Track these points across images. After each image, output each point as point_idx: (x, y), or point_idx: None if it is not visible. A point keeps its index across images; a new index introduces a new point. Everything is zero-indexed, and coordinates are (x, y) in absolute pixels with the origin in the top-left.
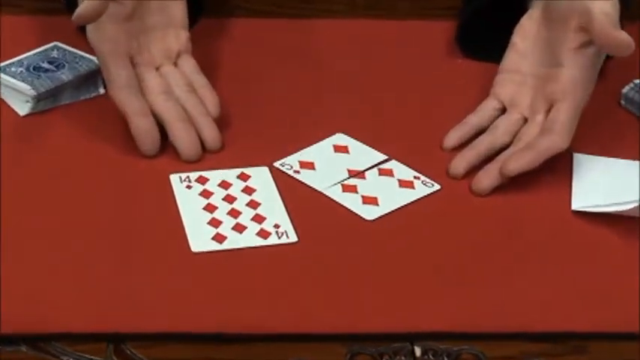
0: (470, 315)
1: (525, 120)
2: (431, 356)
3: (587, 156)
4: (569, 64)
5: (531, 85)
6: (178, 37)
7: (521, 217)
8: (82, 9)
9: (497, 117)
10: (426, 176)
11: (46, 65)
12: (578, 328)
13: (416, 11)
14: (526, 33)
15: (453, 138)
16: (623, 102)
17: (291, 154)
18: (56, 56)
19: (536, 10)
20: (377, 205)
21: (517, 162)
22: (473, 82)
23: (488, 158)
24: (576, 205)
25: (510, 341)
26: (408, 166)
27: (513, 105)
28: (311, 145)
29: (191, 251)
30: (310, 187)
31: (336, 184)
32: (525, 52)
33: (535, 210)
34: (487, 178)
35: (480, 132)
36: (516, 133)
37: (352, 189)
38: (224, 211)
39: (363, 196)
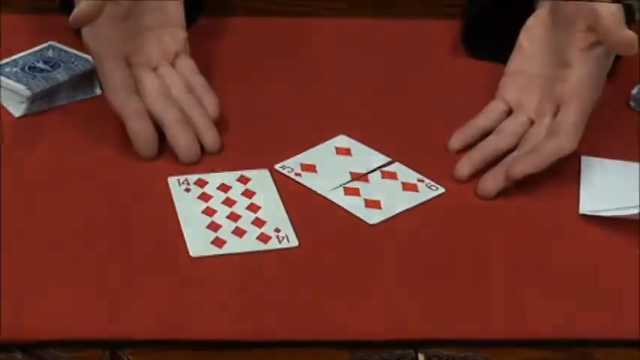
0: (475, 321)
1: (532, 122)
2: None
3: (595, 159)
4: (578, 64)
5: (538, 86)
6: (175, 38)
7: (527, 221)
8: (78, 11)
9: (503, 119)
10: (431, 179)
11: (41, 65)
12: (584, 334)
13: (417, 9)
14: (533, 34)
15: (457, 140)
16: (632, 103)
17: (292, 156)
18: (52, 56)
19: (543, 11)
20: (380, 208)
21: (523, 164)
22: (478, 82)
23: (494, 161)
24: (584, 209)
25: (516, 348)
26: (411, 168)
27: (520, 107)
28: (313, 147)
29: (189, 256)
30: (312, 190)
31: (338, 187)
32: (532, 54)
33: (542, 214)
34: (493, 181)
35: (486, 134)
36: (522, 136)
37: (354, 192)
38: (223, 215)
39: (365, 200)
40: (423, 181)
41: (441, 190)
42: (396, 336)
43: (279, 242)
